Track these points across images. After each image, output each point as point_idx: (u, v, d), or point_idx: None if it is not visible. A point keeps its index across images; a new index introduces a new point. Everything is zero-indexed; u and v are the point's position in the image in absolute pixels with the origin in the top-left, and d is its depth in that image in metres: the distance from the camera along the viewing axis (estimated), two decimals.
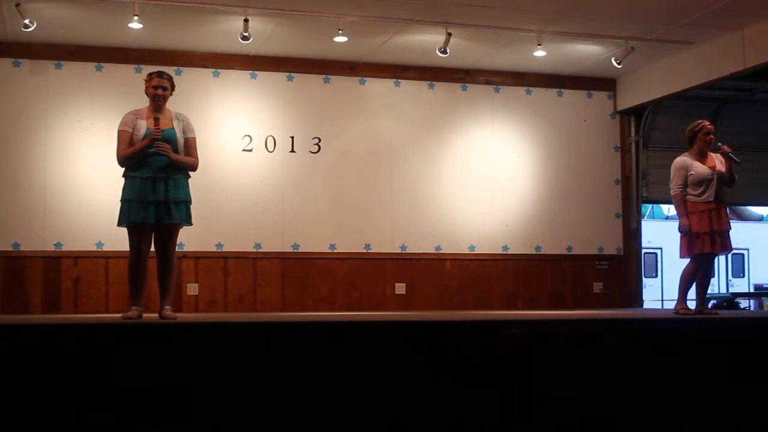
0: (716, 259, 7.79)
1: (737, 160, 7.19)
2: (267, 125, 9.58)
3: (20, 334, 4.63)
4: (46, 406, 4.37)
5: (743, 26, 8.74)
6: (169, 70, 7.12)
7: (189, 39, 9.02)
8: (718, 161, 7.23)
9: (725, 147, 7.20)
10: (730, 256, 18.39)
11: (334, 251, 9.64)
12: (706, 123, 7.30)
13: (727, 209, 7.35)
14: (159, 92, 6.24)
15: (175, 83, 6.45)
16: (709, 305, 9.50)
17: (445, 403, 4.88)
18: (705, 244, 7.07)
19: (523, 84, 10.40)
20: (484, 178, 10.18)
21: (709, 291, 8.25)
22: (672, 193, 7.23)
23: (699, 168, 7.15)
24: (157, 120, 6.16)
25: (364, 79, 9.92)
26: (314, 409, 4.69)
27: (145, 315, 6.15)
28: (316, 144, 9.70)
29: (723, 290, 17.70)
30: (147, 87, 6.31)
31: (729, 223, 7.23)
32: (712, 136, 7.24)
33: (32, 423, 4.35)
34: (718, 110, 11.54)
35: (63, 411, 4.39)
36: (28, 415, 4.35)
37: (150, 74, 6.37)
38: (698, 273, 7.23)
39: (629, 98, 10.54)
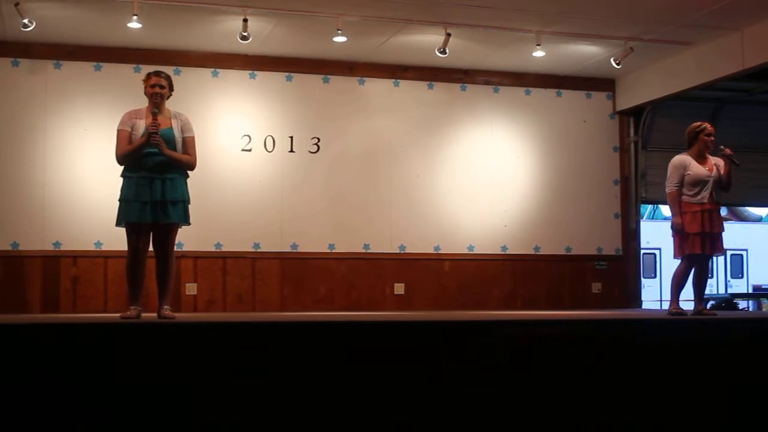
0: (712, 259, 7.79)
1: (737, 162, 7.18)
2: (266, 125, 9.58)
3: (19, 333, 4.62)
4: (44, 405, 4.36)
5: (742, 27, 8.74)
6: (168, 69, 7.10)
7: (188, 39, 9.02)
8: (715, 164, 7.23)
9: (727, 150, 7.19)
10: (728, 256, 18.42)
11: (333, 251, 9.64)
12: (708, 124, 7.31)
13: (721, 212, 7.34)
14: (156, 90, 6.23)
15: (175, 83, 6.44)
16: (708, 306, 9.51)
17: (443, 403, 4.88)
18: (696, 245, 7.06)
19: (522, 84, 10.40)
20: (483, 179, 10.18)
21: (707, 292, 8.25)
22: (667, 191, 7.23)
23: (697, 168, 7.15)
24: (155, 114, 6.16)
25: (364, 79, 9.92)
26: (313, 408, 4.69)
27: (143, 315, 6.14)
28: (315, 144, 9.70)
29: (722, 291, 17.70)
30: (145, 86, 6.31)
31: (722, 225, 7.22)
32: (712, 138, 7.25)
33: (30, 422, 4.35)
34: (716, 111, 11.55)
35: (61, 410, 4.38)
36: (25, 414, 4.35)
37: (148, 74, 6.38)
38: (689, 274, 7.20)
39: (628, 99, 10.54)
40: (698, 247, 7.06)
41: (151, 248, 6.28)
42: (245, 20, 8.25)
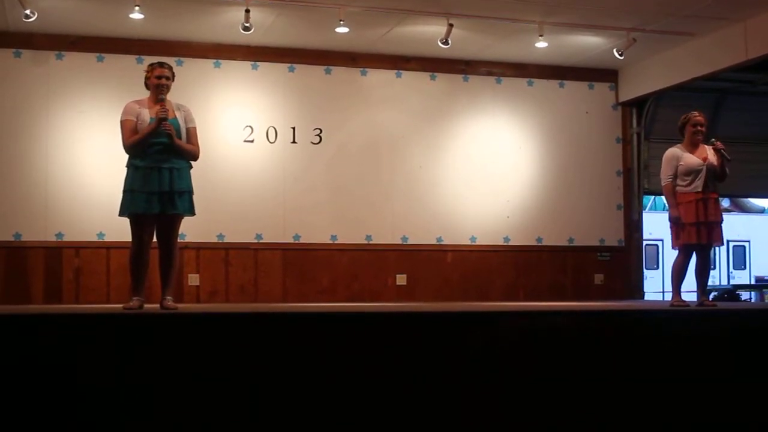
0: (714, 250, 7.76)
1: (728, 157, 7.13)
2: (268, 116, 9.58)
3: (21, 324, 4.63)
4: (47, 396, 4.38)
5: (745, 18, 8.72)
6: (171, 60, 7.11)
7: (190, 29, 9.01)
8: (710, 154, 7.20)
9: (718, 143, 7.17)
10: (731, 248, 18.41)
11: (335, 242, 9.64)
12: (695, 114, 7.25)
13: (720, 201, 7.25)
14: (162, 82, 6.23)
15: (177, 74, 6.45)
16: (710, 297, 9.51)
17: (445, 393, 4.89)
18: (690, 235, 7.03)
19: (525, 75, 10.39)
20: (486, 170, 10.17)
21: (710, 283, 8.22)
22: (662, 184, 7.24)
23: (689, 159, 7.13)
24: (162, 101, 6.15)
25: (366, 70, 9.91)
26: (315, 399, 4.70)
27: (146, 306, 6.16)
28: (318, 135, 9.69)
29: (724, 282, 17.71)
30: (149, 77, 6.30)
31: (720, 215, 7.15)
32: (700, 128, 7.19)
33: (32, 413, 4.36)
34: (719, 102, 11.53)
35: (64, 401, 4.39)
36: (27, 405, 4.36)
37: (151, 65, 6.37)
38: (687, 265, 7.16)
39: (631, 90, 10.52)
40: (694, 237, 7.02)
41: (154, 239, 6.29)
42: (247, 11, 8.24)
